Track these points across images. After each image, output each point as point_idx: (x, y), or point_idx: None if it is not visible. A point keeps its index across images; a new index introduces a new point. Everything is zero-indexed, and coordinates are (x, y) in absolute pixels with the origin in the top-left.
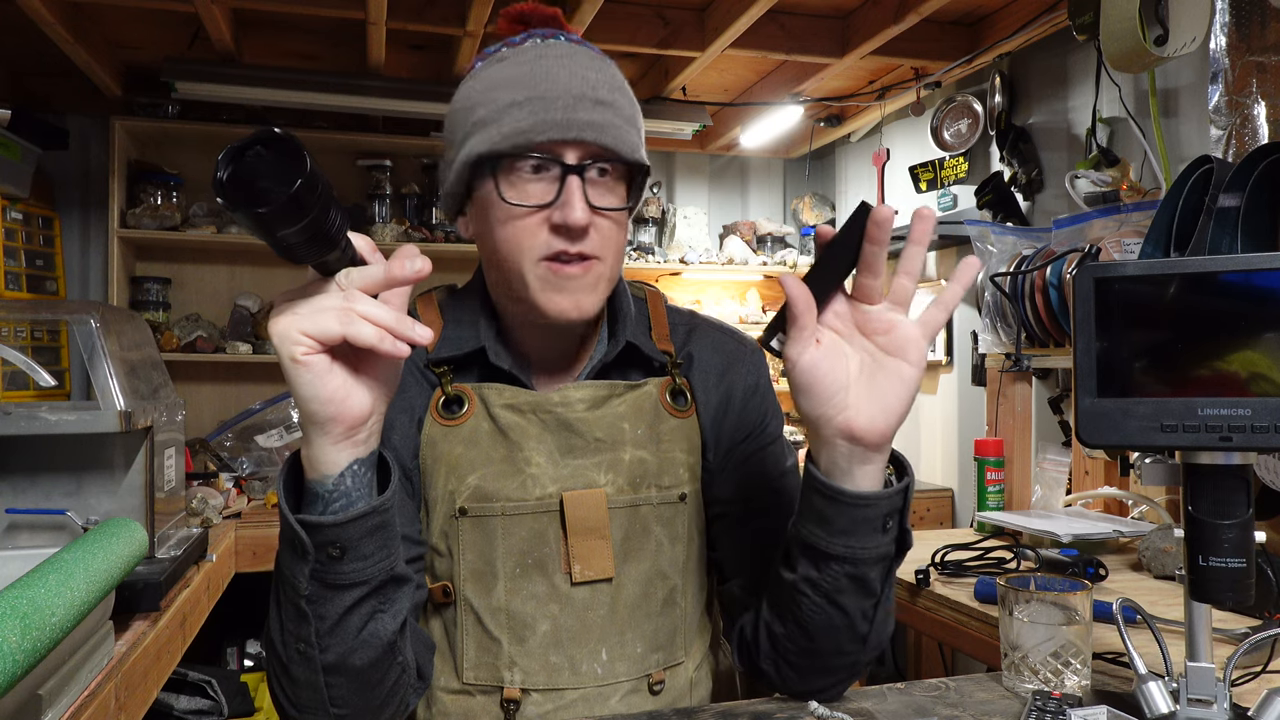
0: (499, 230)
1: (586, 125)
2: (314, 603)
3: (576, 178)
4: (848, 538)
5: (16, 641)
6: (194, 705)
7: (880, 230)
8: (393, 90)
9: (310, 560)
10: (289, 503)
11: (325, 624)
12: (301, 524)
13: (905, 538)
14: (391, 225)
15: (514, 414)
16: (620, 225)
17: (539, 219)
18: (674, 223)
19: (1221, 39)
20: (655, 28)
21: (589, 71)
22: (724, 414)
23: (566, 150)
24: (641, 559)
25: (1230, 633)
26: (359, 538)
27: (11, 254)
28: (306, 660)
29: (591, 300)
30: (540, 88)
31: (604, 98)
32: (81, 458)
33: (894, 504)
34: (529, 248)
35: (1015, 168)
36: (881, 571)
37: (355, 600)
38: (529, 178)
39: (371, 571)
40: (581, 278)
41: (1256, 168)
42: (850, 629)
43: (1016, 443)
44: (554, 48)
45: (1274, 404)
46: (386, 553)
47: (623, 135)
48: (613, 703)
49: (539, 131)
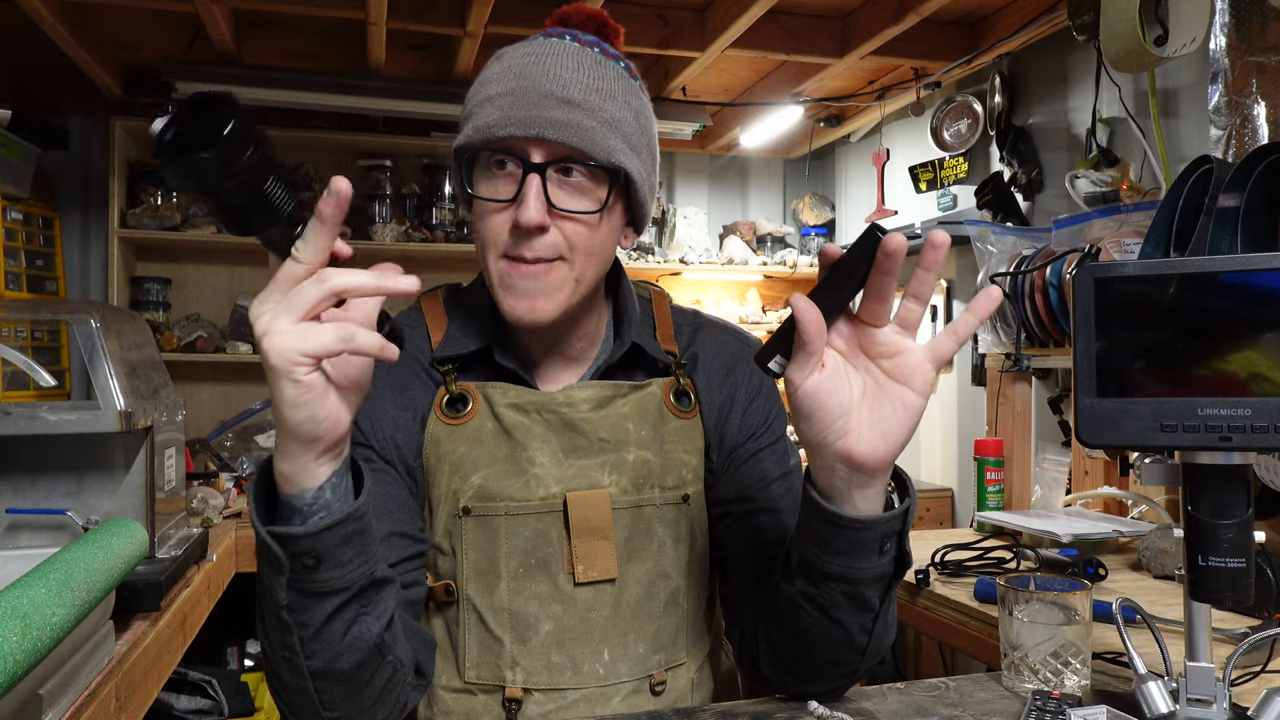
0: (476, 224)
1: (549, 124)
2: (294, 611)
3: (536, 176)
4: (844, 558)
5: (17, 641)
6: (194, 705)
7: (892, 262)
8: (393, 90)
9: (286, 571)
10: (260, 514)
11: (308, 631)
12: (273, 535)
13: (904, 558)
14: (391, 225)
15: (518, 413)
16: (592, 228)
17: (504, 216)
18: (674, 223)
19: (1221, 39)
20: (655, 28)
21: (566, 71)
22: (728, 414)
23: (533, 148)
24: (644, 560)
25: (1230, 633)
26: (334, 546)
27: (12, 254)
28: (293, 667)
29: (549, 305)
30: (511, 84)
31: (574, 97)
32: (82, 458)
33: (892, 527)
34: (493, 244)
35: (1015, 168)
36: (879, 590)
37: (336, 607)
38: (497, 173)
39: (350, 578)
40: (538, 279)
41: (1256, 168)
42: (848, 641)
43: (1016, 443)
44: (547, 45)
45: (1274, 404)
46: (364, 558)
47: (595, 137)
48: (614, 703)
49: (502, 126)
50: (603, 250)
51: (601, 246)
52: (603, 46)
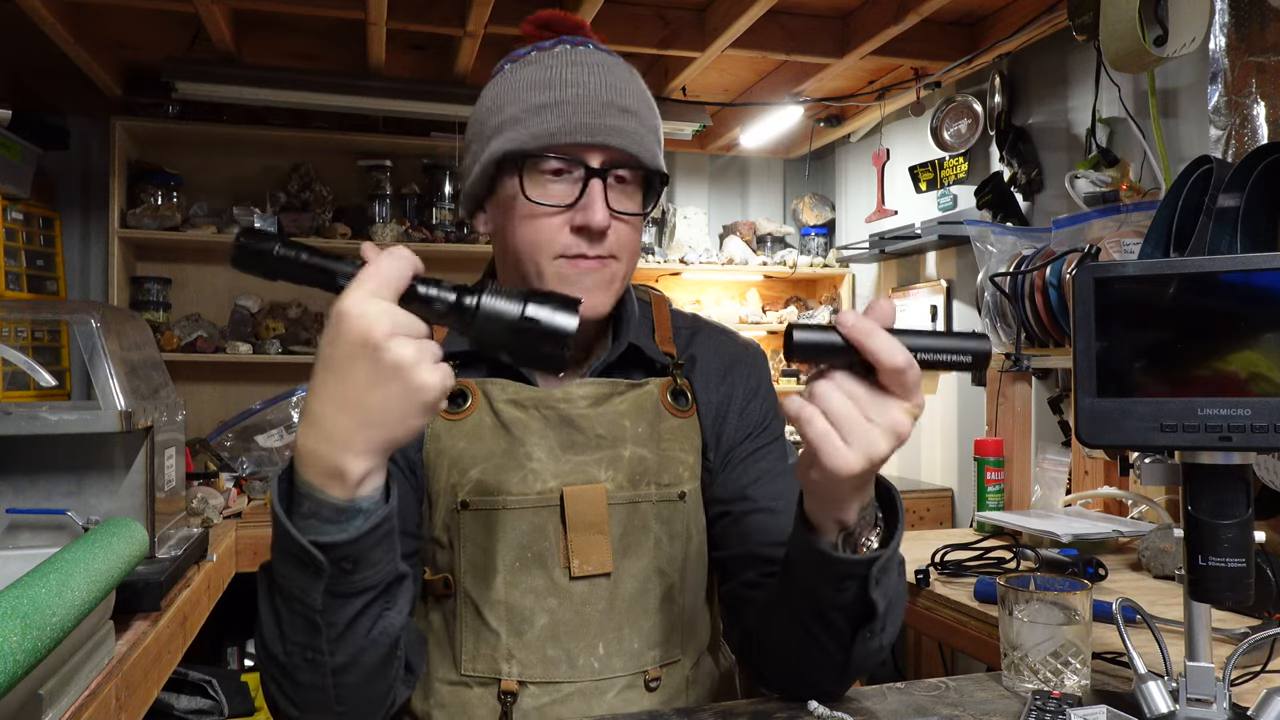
0: (520, 227)
1: (612, 131)
2: (325, 612)
3: (599, 181)
4: (809, 574)
5: (17, 641)
6: (194, 705)
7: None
8: (393, 90)
9: (325, 577)
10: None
11: (335, 630)
12: (315, 544)
13: (868, 606)
14: (391, 225)
15: (516, 409)
16: (636, 229)
17: (561, 219)
18: (674, 223)
19: (1221, 39)
20: (655, 28)
21: (618, 80)
22: (725, 414)
23: (590, 154)
24: (640, 555)
25: (1230, 632)
26: (370, 548)
27: (12, 254)
28: (314, 665)
29: (604, 298)
30: (570, 92)
31: (630, 106)
32: (82, 458)
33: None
34: (547, 246)
35: (1015, 168)
36: (846, 620)
37: (364, 604)
38: (552, 178)
39: (380, 576)
40: (597, 273)
41: (1256, 168)
42: (824, 653)
43: (1016, 443)
44: (585, 54)
45: (1274, 404)
46: (391, 556)
47: (645, 143)
48: (609, 698)
49: (566, 134)
50: (638, 248)
51: (638, 245)
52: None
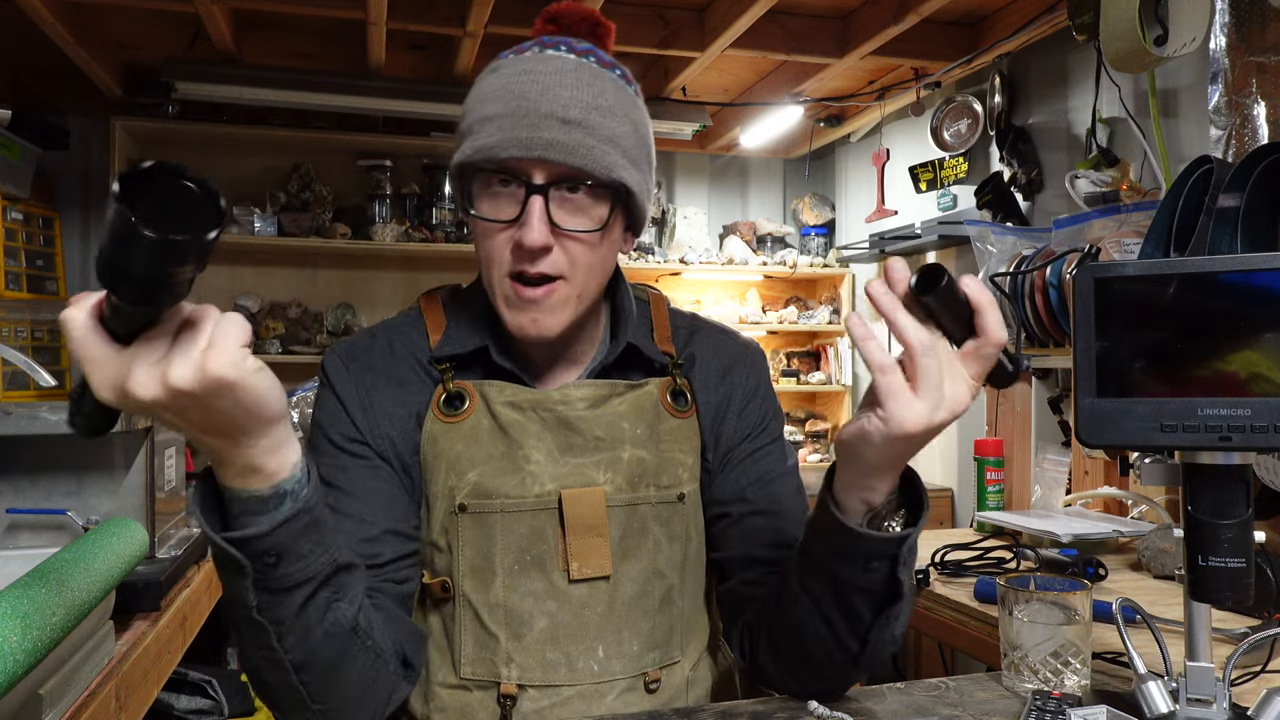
0: (479, 240)
1: (550, 145)
2: (265, 610)
3: (539, 197)
4: (833, 559)
5: (17, 641)
6: (194, 705)
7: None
8: (393, 90)
9: (249, 573)
10: (211, 523)
11: (283, 626)
12: (228, 540)
13: (896, 586)
14: (391, 225)
15: (514, 411)
16: (593, 246)
17: (505, 235)
18: (674, 223)
19: (1221, 39)
20: (655, 28)
21: (565, 89)
22: (724, 415)
23: (534, 168)
24: (639, 557)
25: (1230, 632)
26: (291, 540)
27: (12, 254)
28: (275, 665)
29: (552, 321)
30: (512, 104)
31: (573, 117)
32: (82, 458)
33: (885, 549)
34: (498, 262)
35: (1015, 168)
36: (869, 604)
37: (306, 597)
38: (500, 191)
39: (315, 568)
40: (542, 300)
41: (1256, 168)
42: (838, 641)
43: (1016, 443)
44: (544, 60)
45: (1274, 404)
46: (324, 548)
47: (596, 155)
48: (609, 700)
49: (503, 148)
50: (603, 265)
51: (602, 262)
52: (598, 54)
